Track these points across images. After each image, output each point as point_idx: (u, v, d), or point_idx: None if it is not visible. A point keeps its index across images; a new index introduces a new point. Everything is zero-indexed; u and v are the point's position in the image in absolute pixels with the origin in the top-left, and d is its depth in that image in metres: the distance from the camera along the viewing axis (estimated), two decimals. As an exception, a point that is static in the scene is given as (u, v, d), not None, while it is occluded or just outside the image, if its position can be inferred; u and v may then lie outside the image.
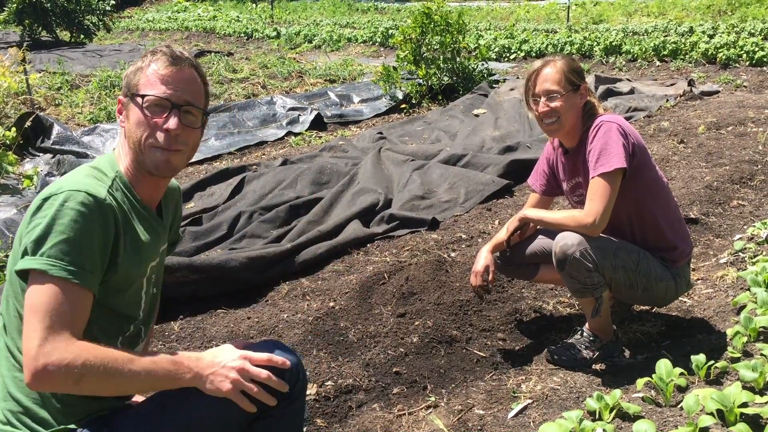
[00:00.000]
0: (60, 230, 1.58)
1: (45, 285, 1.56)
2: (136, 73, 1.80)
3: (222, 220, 4.66)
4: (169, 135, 1.77)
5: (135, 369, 1.59)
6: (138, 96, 1.77)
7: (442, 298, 3.40)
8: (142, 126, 1.76)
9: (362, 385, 2.81)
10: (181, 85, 1.79)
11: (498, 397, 2.73)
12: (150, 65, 1.79)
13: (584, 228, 2.66)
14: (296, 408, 1.91)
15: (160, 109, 1.77)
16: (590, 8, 17.13)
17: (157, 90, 1.76)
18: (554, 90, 2.74)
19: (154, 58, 1.80)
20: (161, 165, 1.79)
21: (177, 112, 1.78)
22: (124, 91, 1.82)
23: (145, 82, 1.77)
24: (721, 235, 4.10)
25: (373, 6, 23.88)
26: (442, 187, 5.28)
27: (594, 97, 2.89)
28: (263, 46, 16.37)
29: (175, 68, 1.79)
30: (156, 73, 1.77)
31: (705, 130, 6.51)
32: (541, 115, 2.78)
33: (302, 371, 1.89)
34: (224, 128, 7.73)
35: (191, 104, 1.81)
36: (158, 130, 1.77)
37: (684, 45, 10.85)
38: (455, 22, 9.41)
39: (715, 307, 3.23)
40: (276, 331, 3.28)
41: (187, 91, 1.81)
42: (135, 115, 1.77)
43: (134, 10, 29.35)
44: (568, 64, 2.79)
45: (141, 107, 1.76)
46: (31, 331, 1.53)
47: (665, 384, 2.38)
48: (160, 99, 1.76)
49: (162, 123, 1.77)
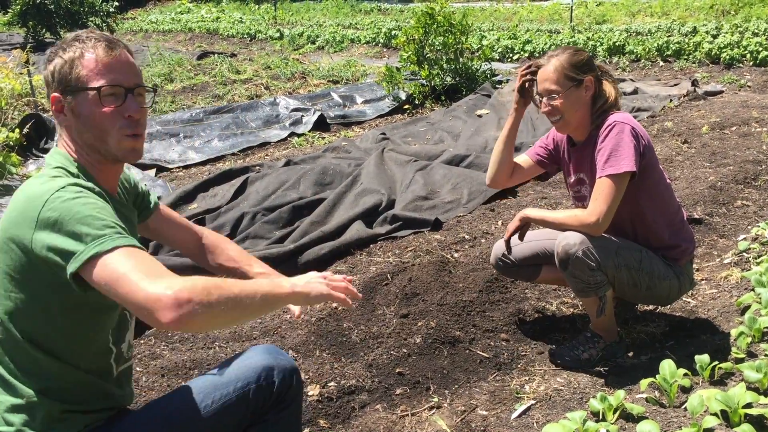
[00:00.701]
0: (79, 217, 1.51)
1: (112, 258, 1.48)
2: (72, 66, 1.68)
3: (225, 220, 4.67)
4: (132, 121, 1.72)
5: (247, 286, 1.59)
6: (88, 89, 1.67)
7: (445, 299, 3.39)
8: (103, 118, 1.69)
9: (365, 385, 2.80)
10: (125, 69, 1.73)
11: (501, 398, 2.72)
12: (85, 54, 1.68)
13: (587, 227, 2.65)
14: (291, 413, 1.91)
15: (114, 98, 1.69)
16: (593, 8, 17.09)
17: (107, 79, 1.68)
18: (552, 89, 2.72)
19: (87, 47, 1.69)
20: (129, 152, 1.74)
21: (132, 96, 1.72)
22: (59, 87, 1.70)
23: (88, 73, 1.68)
24: (725, 235, 4.09)
25: (376, 7, 23.87)
26: (445, 188, 5.27)
27: (610, 81, 2.83)
28: (266, 48, 16.38)
29: (115, 52, 1.71)
30: (98, 62, 1.68)
31: (709, 130, 6.49)
32: (546, 113, 2.77)
33: (297, 377, 1.89)
34: (227, 129, 7.73)
35: (140, 85, 1.76)
36: (121, 118, 1.70)
37: (687, 45, 10.83)
38: (458, 23, 9.40)
39: (719, 308, 3.21)
40: (279, 332, 3.28)
41: (133, 73, 1.75)
42: (89, 109, 1.68)
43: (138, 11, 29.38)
44: (568, 59, 2.73)
45: (95, 100, 1.68)
46: (134, 285, 1.44)
47: (669, 385, 2.37)
48: (114, 87, 1.69)
49: (121, 111, 1.70)
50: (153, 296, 1.42)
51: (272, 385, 1.82)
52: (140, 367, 3.02)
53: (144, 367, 3.01)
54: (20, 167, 6.03)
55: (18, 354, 1.64)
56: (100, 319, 1.72)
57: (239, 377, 1.80)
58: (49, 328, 1.64)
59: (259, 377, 1.81)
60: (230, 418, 1.78)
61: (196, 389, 1.80)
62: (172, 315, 1.41)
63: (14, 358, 1.65)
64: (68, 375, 1.67)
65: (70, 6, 17.97)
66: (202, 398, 1.78)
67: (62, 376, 1.67)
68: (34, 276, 1.58)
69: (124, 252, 1.49)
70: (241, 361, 1.87)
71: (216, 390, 1.79)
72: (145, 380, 2.90)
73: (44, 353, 1.64)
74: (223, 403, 1.77)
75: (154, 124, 7.76)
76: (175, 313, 1.41)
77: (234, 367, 1.84)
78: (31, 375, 1.64)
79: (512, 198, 5.16)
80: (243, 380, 1.79)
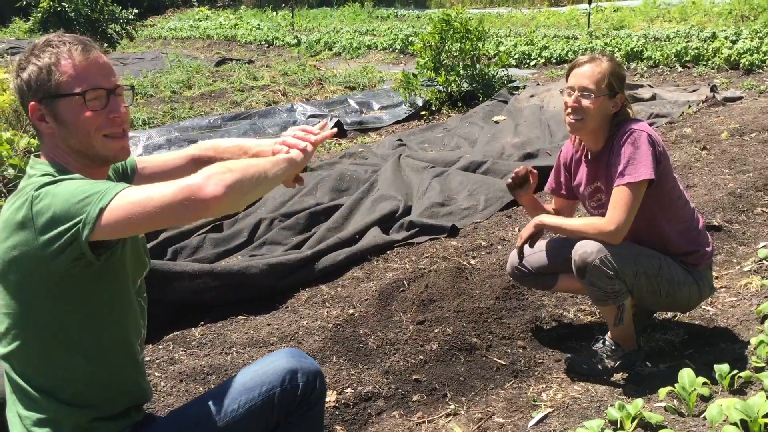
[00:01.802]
0: (69, 195, 1.54)
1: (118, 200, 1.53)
2: (49, 73, 1.65)
3: (242, 227, 4.69)
4: (117, 121, 1.71)
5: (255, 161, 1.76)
6: (71, 95, 1.65)
7: (461, 306, 3.39)
8: (88, 121, 1.66)
9: (382, 392, 2.81)
10: (105, 70, 1.71)
11: (518, 406, 2.71)
12: (61, 60, 1.65)
13: (605, 236, 2.64)
14: (314, 415, 1.92)
15: (98, 101, 1.68)
16: (611, 14, 17.03)
17: (88, 82, 1.66)
18: (589, 88, 2.68)
19: (61, 51, 1.66)
20: (119, 152, 1.74)
21: (114, 96, 1.71)
22: (38, 94, 1.66)
23: (68, 79, 1.65)
24: (744, 242, 4.05)
25: (392, 13, 23.95)
26: (462, 194, 5.27)
27: (630, 108, 2.83)
28: (284, 54, 16.48)
29: (92, 54, 1.69)
30: (77, 66, 1.66)
31: (728, 136, 6.44)
32: (569, 108, 2.73)
33: (320, 379, 1.90)
34: (245, 135, 7.78)
35: (118, 85, 1.74)
36: (105, 119, 1.69)
37: (706, 51, 10.75)
38: (475, 29, 9.42)
39: (738, 316, 3.19)
40: (296, 338, 3.30)
41: (110, 74, 1.73)
42: (73, 115, 1.66)
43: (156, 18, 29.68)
44: (614, 68, 2.72)
45: (80, 104, 1.65)
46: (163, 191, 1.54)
47: (688, 393, 2.36)
48: (96, 90, 1.67)
49: (108, 112, 1.69)
50: (187, 186, 1.54)
51: (297, 387, 1.83)
52: (158, 372, 3.04)
53: (162, 372, 3.04)
54: (41, 173, 6.10)
55: (41, 363, 1.65)
56: (118, 303, 1.74)
57: (264, 381, 1.81)
58: (71, 322, 1.65)
59: (284, 380, 1.82)
60: (257, 421, 1.79)
61: (223, 394, 1.82)
62: (214, 189, 1.54)
63: (37, 369, 1.65)
64: (93, 373, 1.69)
65: (90, 14, 18.21)
66: (229, 403, 1.79)
67: (87, 376, 1.68)
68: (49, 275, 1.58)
69: (129, 190, 1.55)
70: (266, 364, 1.88)
71: (242, 394, 1.81)
72: (164, 385, 2.92)
73: (67, 352, 1.65)
74: (249, 407, 1.79)
75: (173, 130, 7.83)
76: (215, 186, 1.54)
77: (259, 371, 1.85)
78: (56, 385, 1.65)
79: (529, 204, 5.14)
80: (268, 384, 1.81)
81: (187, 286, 3.61)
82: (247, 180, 1.63)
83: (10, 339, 1.65)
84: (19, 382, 1.66)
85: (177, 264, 3.72)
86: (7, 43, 19.12)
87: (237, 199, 1.62)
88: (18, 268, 1.59)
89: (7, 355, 1.66)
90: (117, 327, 1.74)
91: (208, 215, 1.59)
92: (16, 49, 17.50)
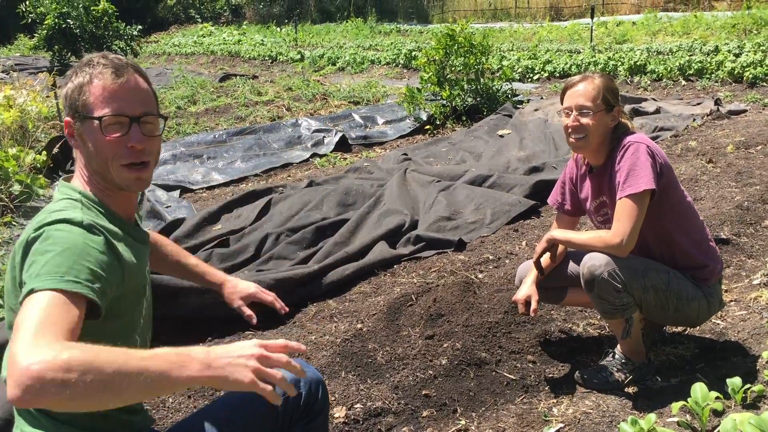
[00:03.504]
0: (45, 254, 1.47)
1: (34, 300, 1.40)
2: (81, 92, 1.66)
3: (249, 241, 4.69)
4: (134, 151, 1.67)
5: (133, 362, 1.31)
6: (91, 118, 1.64)
7: (470, 320, 3.38)
8: (105, 147, 1.65)
9: (391, 407, 2.79)
10: (132, 97, 1.67)
11: (529, 421, 2.70)
12: (93, 81, 1.65)
13: (612, 249, 2.64)
14: (318, 425, 1.92)
15: (119, 127, 1.65)
16: (613, 28, 17.08)
17: (111, 108, 1.64)
18: (587, 106, 2.72)
19: (95, 72, 1.65)
20: (133, 183, 1.70)
21: (136, 125, 1.67)
22: (70, 112, 1.68)
23: (94, 101, 1.64)
24: (753, 255, 4.04)
25: (395, 28, 24.05)
26: (468, 208, 5.27)
27: (627, 119, 2.86)
28: (287, 69, 16.54)
29: (122, 80, 1.66)
30: (104, 89, 1.64)
31: (734, 149, 6.44)
32: (570, 129, 2.77)
33: (323, 389, 1.90)
34: (250, 150, 7.80)
35: (147, 113, 1.70)
36: (123, 148, 1.66)
37: (710, 64, 10.77)
38: (479, 44, 9.45)
39: (749, 329, 3.17)
40: (304, 354, 3.28)
41: (140, 101, 1.69)
42: (93, 138, 1.65)
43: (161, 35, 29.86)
44: (606, 83, 2.77)
45: (98, 129, 1.64)
46: (17, 338, 1.31)
47: (701, 408, 2.34)
48: (116, 117, 1.65)
49: (125, 140, 1.66)
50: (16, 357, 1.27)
51: (299, 397, 1.83)
52: (167, 387, 3.02)
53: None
54: (47, 189, 6.12)
55: None
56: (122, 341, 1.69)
57: None
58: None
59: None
60: (260, 430, 1.78)
61: (225, 405, 1.81)
62: (14, 391, 1.24)
63: None
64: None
65: (94, 30, 18.29)
66: (231, 413, 1.79)
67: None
68: None
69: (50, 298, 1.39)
70: None
71: (244, 404, 1.80)
72: (172, 401, 2.91)
73: None
74: (252, 417, 1.78)
75: (178, 145, 7.85)
76: (17, 390, 1.24)
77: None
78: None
79: (536, 218, 5.14)
80: None
81: (194, 301, 3.60)
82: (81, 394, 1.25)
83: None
84: None
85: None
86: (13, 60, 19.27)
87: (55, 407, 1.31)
88: (17, 291, 1.58)
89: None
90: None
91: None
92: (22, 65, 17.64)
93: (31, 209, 5.63)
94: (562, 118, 2.83)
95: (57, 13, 17.72)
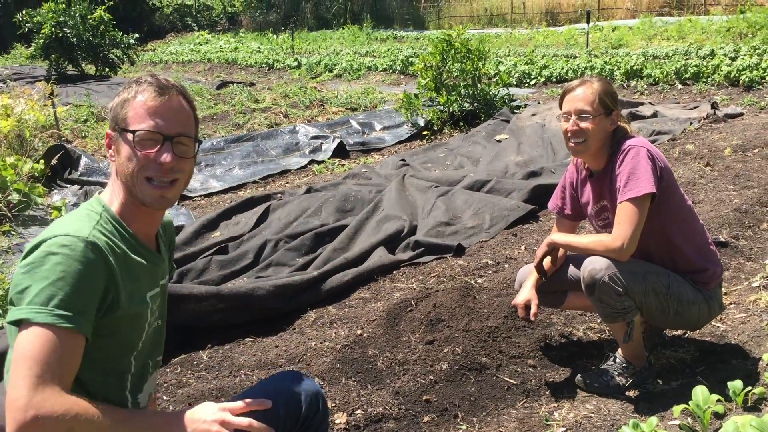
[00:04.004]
0: (42, 276, 1.53)
1: (32, 333, 1.49)
2: (123, 106, 1.73)
3: (248, 248, 4.68)
4: (162, 168, 1.72)
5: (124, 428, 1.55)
6: (127, 131, 1.71)
7: (470, 325, 3.37)
8: (134, 160, 1.70)
9: (392, 413, 2.78)
10: (170, 116, 1.73)
11: (530, 426, 2.69)
12: (136, 97, 1.72)
13: (612, 252, 2.64)
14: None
15: (152, 143, 1.71)
16: (609, 33, 17.14)
17: (147, 123, 1.70)
18: (586, 110, 2.73)
19: (140, 89, 1.73)
20: (155, 200, 1.74)
21: (169, 144, 1.72)
22: (112, 124, 1.76)
23: (133, 115, 1.71)
24: (752, 258, 4.04)
25: (391, 35, 24.12)
26: (467, 213, 5.27)
27: (626, 122, 2.87)
28: (284, 76, 16.57)
29: (163, 98, 1.73)
30: (144, 105, 1.71)
31: (731, 152, 6.45)
32: (569, 133, 2.77)
33: (322, 401, 1.89)
34: (248, 157, 7.80)
35: (183, 134, 1.75)
36: (151, 163, 1.71)
37: (706, 68, 10.81)
38: (475, 49, 9.47)
39: (749, 332, 3.17)
40: (304, 360, 3.28)
41: (178, 122, 1.75)
42: (125, 150, 1.71)
43: (157, 43, 29.91)
44: (605, 86, 2.78)
45: (131, 142, 1.70)
46: (19, 380, 1.45)
47: (702, 411, 2.33)
48: (152, 133, 1.70)
49: (155, 156, 1.71)
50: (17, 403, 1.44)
51: (299, 410, 1.82)
52: (167, 395, 3.02)
53: (171, 395, 3.01)
54: (45, 197, 6.12)
55: None
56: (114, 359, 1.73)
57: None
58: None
59: (286, 402, 1.81)
60: None
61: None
62: (14, 430, 1.43)
63: None
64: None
65: (91, 39, 18.30)
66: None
67: None
68: None
69: (47, 334, 1.50)
70: (267, 386, 1.87)
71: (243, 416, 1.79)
72: (172, 409, 2.90)
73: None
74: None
75: (176, 153, 7.84)
76: (17, 430, 1.43)
77: (260, 393, 1.83)
78: None
79: (534, 223, 5.14)
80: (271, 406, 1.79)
81: (193, 308, 3.59)
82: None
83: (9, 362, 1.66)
84: None
85: (183, 286, 3.71)
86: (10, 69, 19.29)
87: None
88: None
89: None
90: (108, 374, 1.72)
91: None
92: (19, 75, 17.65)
93: (29, 218, 5.63)
94: (561, 123, 2.84)
95: (54, 22, 17.73)
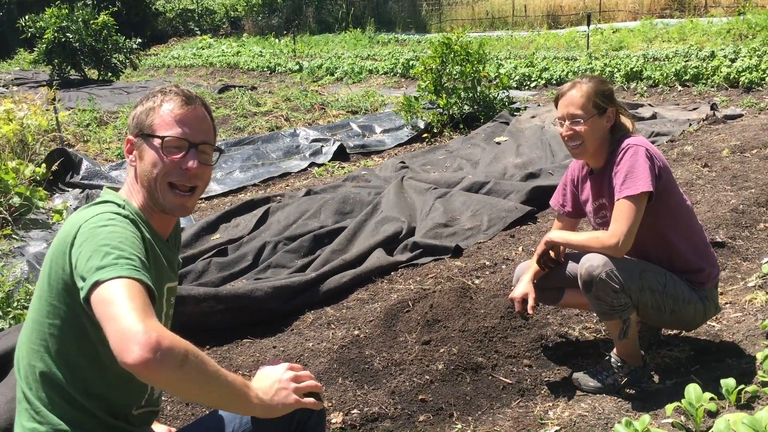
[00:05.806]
0: (99, 246, 1.54)
1: (112, 285, 1.48)
2: (149, 114, 1.80)
3: (247, 250, 4.71)
4: (188, 173, 1.80)
5: (222, 374, 1.52)
6: (155, 137, 1.78)
7: (466, 325, 3.39)
8: (159, 165, 1.78)
9: (388, 413, 2.80)
10: (195, 125, 1.82)
11: (525, 424, 2.71)
12: (163, 105, 1.80)
13: (608, 249, 2.66)
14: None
15: (178, 149, 1.79)
16: (609, 35, 17.15)
17: (175, 131, 1.78)
18: (578, 114, 2.75)
19: (167, 99, 1.81)
20: (176, 208, 1.81)
21: (194, 151, 1.80)
22: (135, 131, 1.83)
23: (160, 122, 1.79)
24: (748, 258, 4.05)
25: (393, 38, 24.14)
26: (465, 215, 5.29)
27: (627, 116, 2.88)
28: (286, 80, 16.60)
29: (190, 108, 1.81)
30: (172, 114, 1.79)
31: (729, 153, 6.46)
32: (565, 137, 2.80)
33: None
34: (248, 160, 7.83)
35: (206, 142, 1.84)
36: (176, 168, 1.79)
37: (706, 69, 10.82)
38: (475, 52, 9.49)
39: (744, 331, 3.18)
40: (302, 360, 3.30)
41: (202, 130, 1.83)
42: (150, 155, 1.79)
43: (160, 47, 29.97)
44: (595, 87, 2.78)
45: (158, 147, 1.78)
46: (124, 317, 1.41)
47: (695, 409, 2.35)
48: (179, 140, 1.78)
49: (180, 162, 1.79)
50: (135, 328, 1.39)
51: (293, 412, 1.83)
52: (165, 396, 3.04)
53: (168, 395, 3.03)
54: (47, 201, 6.14)
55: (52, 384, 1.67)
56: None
57: None
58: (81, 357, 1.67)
59: None
60: None
61: (218, 418, 1.83)
62: (144, 355, 1.37)
63: (48, 386, 1.67)
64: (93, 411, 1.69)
65: (94, 44, 18.34)
66: (222, 427, 1.79)
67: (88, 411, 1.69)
68: (71, 300, 1.62)
69: (126, 283, 1.48)
70: None
71: (236, 417, 1.81)
72: (170, 409, 2.92)
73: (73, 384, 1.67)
74: (247, 428, 1.79)
75: (177, 156, 7.87)
76: (147, 354, 1.37)
77: None
78: (60, 405, 1.66)
79: (532, 224, 5.16)
80: None
81: (192, 309, 3.62)
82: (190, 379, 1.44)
83: (26, 350, 1.70)
84: (26, 393, 1.69)
85: (182, 288, 3.73)
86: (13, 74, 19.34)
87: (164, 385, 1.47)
88: (54, 279, 1.66)
89: (20, 361, 1.71)
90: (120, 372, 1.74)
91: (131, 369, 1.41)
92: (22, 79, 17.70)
93: (30, 221, 5.65)
94: (557, 128, 2.86)
95: (56, 27, 17.77)
